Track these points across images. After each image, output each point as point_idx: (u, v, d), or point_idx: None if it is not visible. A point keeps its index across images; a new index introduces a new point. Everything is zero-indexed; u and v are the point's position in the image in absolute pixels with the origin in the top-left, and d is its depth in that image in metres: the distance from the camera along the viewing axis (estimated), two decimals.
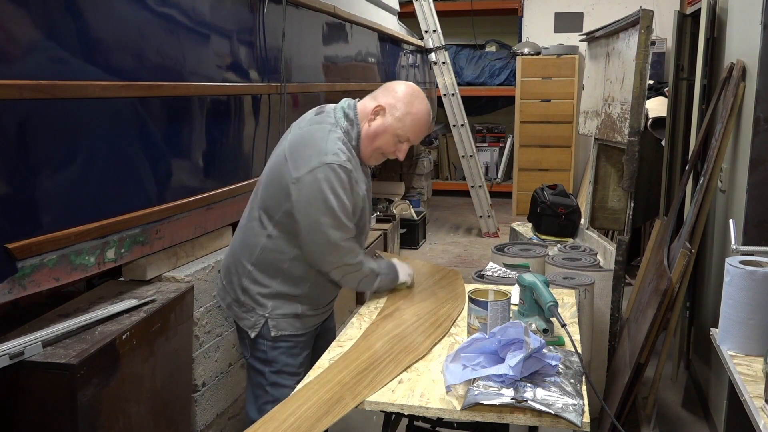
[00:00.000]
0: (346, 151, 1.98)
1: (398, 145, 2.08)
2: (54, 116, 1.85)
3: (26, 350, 1.80)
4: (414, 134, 2.07)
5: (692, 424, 2.98)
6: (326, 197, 1.92)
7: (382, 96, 2.07)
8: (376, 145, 2.06)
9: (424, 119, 2.07)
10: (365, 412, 1.57)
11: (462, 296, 2.22)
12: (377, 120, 2.04)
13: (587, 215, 4.10)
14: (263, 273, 2.06)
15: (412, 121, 2.04)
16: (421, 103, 2.07)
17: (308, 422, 1.45)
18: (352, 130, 2.04)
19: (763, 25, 2.36)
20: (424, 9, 6.37)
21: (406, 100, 2.04)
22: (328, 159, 1.93)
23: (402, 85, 2.10)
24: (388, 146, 2.07)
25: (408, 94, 2.06)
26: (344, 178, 1.95)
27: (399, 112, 2.03)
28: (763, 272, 1.81)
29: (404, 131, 2.05)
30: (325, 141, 1.97)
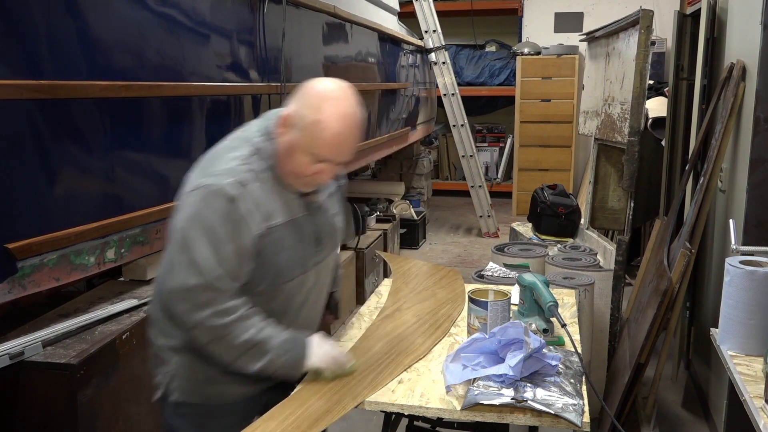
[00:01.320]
0: (243, 172, 1.51)
1: (315, 167, 1.53)
2: (54, 116, 1.85)
3: (26, 350, 1.80)
4: (331, 151, 1.52)
5: (692, 424, 2.98)
6: (187, 228, 1.49)
7: (292, 100, 1.55)
8: (289, 168, 1.55)
9: (342, 129, 1.50)
10: (365, 412, 1.57)
11: (462, 296, 2.21)
12: (285, 134, 1.53)
13: (587, 215, 4.10)
14: (167, 320, 1.60)
15: (323, 133, 1.49)
16: (338, 106, 1.51)
17: (307, 422, 1.44)
18: (268, 148, 1.56)
19: (763, 25, 2.36)
20: (424, 9, 6.37)
21: (315, 104, 1.50)
22: (207, 180, 1.49)
23: (317, 83, 1.56)
24: (301, 168, 1.53)
25: (318, 96, 1.52)
26: (221, 207, 1.47)
27: (304, 121, 1.50)
28: (763, 272, 1.81)
29: (316, 148, 1.50)
30: (218, 158, 1.55)
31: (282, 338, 1.56)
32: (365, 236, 4.76)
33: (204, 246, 1.48)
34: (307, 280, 1.66)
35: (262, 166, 1.55)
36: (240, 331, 1.51)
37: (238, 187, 1.49)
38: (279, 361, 1.55)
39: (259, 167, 1.55)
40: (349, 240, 4.52)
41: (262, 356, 1.54)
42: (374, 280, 4.73)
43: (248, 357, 1.53)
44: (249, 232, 1.51)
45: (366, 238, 4.72)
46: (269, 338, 1.54)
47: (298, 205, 1.61)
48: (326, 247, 1.70)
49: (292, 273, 1.61)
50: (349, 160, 1.59)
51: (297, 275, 1.62)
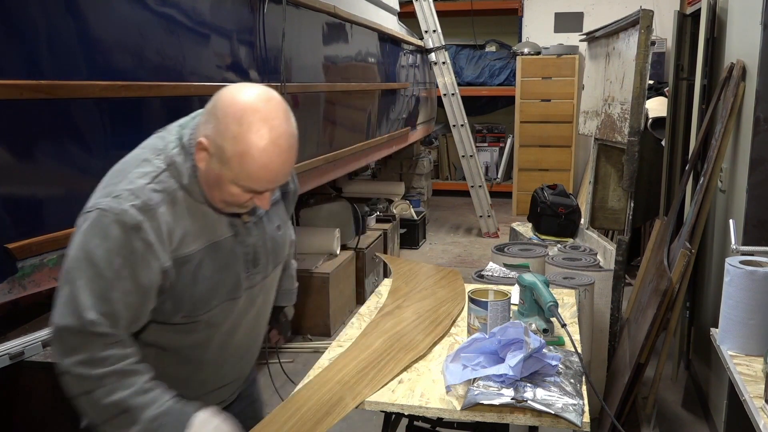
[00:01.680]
0: (151, 193, 1.27)
1: (247, 196, 1.31)
2: (54, 116, 1.85)
3: (26, 350, 1.80)
4: (264, 183, 1.29)
5: (692, 424, 2.98)
6: (71, 258, 1.25)
7: (206, 120, 1.29)
8: (217, 197, 1.32)
9: (272, 158, 1.25)
10: (365, 412, 1.57)
11: (462, 295, 2.21)
12: (204, 161, 1.29)
13: (587, 215, 4.10)
14: None
15: (249, 167, 1.25)
16: (262, 131, 1.24)
17: (308, 424, 1.44)
18: (183, 164, 1.31)
19: (763, 25, 2.36)
20: (424, 9, 6.37)
21: (234, 131, 1.24)
22: (104, 202, 1.25)
23: (233, 98, 1.28)
24: (234, 198, 1.31)
25: (237, 120, 1.24)
26: (115, 237, 1.23)
27: (225, 153, 1.25)
28: (763, 272, 1.81)
29: (244, 181, 1.27)
30: (124, 173, 1.31)
31: (159, 410, 1.27)
32: (365, 236, 4.76)
33: (85, 282, 1.23)
34: (236, 306, 1.43)
35: (175, 184, 1.31)
36: (112, 389, 1.24)
37: (141, 213, 1.25)
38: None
39: (171, 186, 1.30)
40: (349, 240, 4.52)
41: (130, 427, 1.25)
42: (374, 280, 4.73)
43: (116, 424, 1.26)
44: (154, 266, 1.27)
45: (366, 238, 4.73)
46: (143, 407, 1.25)
47: (223, 226, 1.38)
48: (265, 268, 1.47)
49: (214, 302, 1.38)
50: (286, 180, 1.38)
51: (221, 303, 1.39)
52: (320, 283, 3.93)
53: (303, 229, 4.16)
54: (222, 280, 1.38)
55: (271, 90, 1.31)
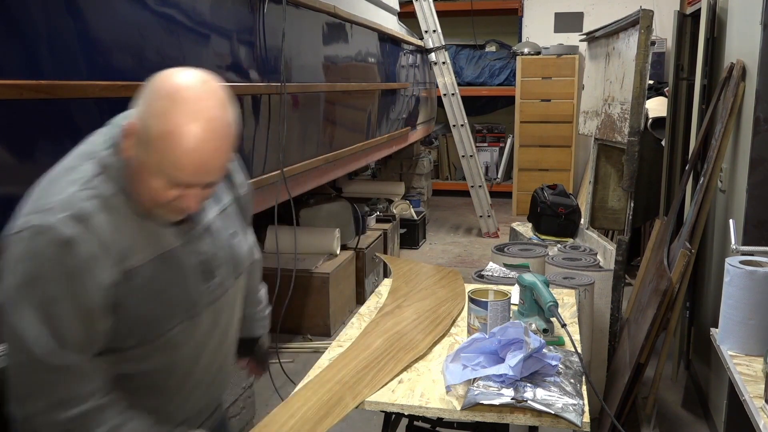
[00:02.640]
0: (83, 201, 1.12)
1: (172, 192, 1.13)
2: (54, 116, 1.85)
3: None
4: (190, 173, 1.11)
5: (692, 424, 2.98)
6: (7, 288, 1.10)
7: (138, 102, 1.15)
8: (142, 195, 1.15)
9: (201, 143, 1.09)
10: (365, 412, 1.57)
11: (462, 295, 2.21)
12: (131, 149, 1.13)
13: (587, 215, 4.10)
14: None
15: (175, 150, 1.09)
16: (193, 111, 1.09)
17: (308, 425, 1.44)
18: (117, 164, 1.16)
19: (763, 25, 2.36)
20: (424, 9, 6.37)
21: (162, 109, 1.09)
22: (33, 219, 1.11)
23: (168, 77, 1.13)
24: (156, 194, 1.14)
25: (167, 98, 1.10)
26: (50, 256, 1.09)
27: (149, 134, 1.09)
28: (763, 272, 1.81)
29: (169, 169, 1.10)
30: (53, 184, 1.16)
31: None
32: (365, 236, 4.76)
33: (26, 312, 1.08)
34: (198, 326, 1.27)
35: (111, 189, 1.15)
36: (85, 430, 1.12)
37: (75, 225, 1.09)
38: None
39: (107, 191, 1.14)
40: (349, 240, 4.52)
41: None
42: (374, 280, 4.73)
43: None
44: (96, 283, 1.11)
45: (366, 238, 4.73)
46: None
47: (170, 234, 1.21)
48: (224, 279, 1.32)
49: (171, 321, 1.22)
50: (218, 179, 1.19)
51: (179, 322, 1.23)
52: (320, 283, 3.93)
53: (303, 229, 4.16)
54: (177, 296, 1.23)
55: (212, 75, 1.17)
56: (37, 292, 1.09)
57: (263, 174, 2.96)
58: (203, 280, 1.27)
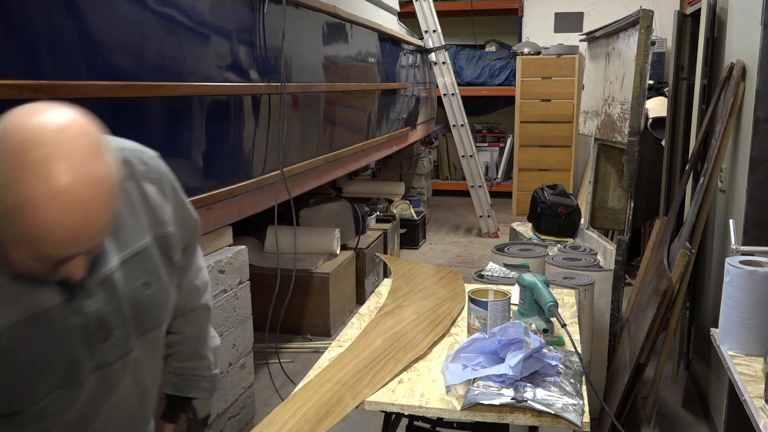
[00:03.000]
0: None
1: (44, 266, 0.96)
2: None
3: None
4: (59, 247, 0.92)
5: (692, 424, 2.98)
6: None
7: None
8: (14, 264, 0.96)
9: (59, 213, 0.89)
10: (365, 412, 1.57)
11: (462, 295, 2.21)
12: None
13: (587, 215, 4.10)
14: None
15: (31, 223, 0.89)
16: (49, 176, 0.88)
17: (309, 425, 1.44)
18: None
19: (763, 25, 2.36)
20: (424, 9, 6.37)
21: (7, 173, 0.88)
22: None
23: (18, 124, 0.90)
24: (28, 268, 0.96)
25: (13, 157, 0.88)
26: None
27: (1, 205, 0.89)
28: (763, 272, 1.81)
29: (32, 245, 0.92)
30: None
31: None
32: (365, 236, 4.76)
33: None
34: (78, 393, 1.08)
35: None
36: None
37: None
38: None
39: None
40: (349, 240, 4.53)
41: None
42: (374, 280, 4.73)
43: None
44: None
45: (366, 238, 4.73)
46: None
47: (50, 290, 1.01)
48: (123, 341, 1.12)
49: (41, 391, 1.03)
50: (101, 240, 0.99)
51: (53, 391, 1.04)
52: (320, 283, 3.93)
53: (303, 229, 4.16)
54: (51, 362, 1.03)
55: (77, 113, 0.95)
56: None
57: (263, 174, 2.97)
58: (89, 343, 1.07)
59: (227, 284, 2.66)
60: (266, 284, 3.21)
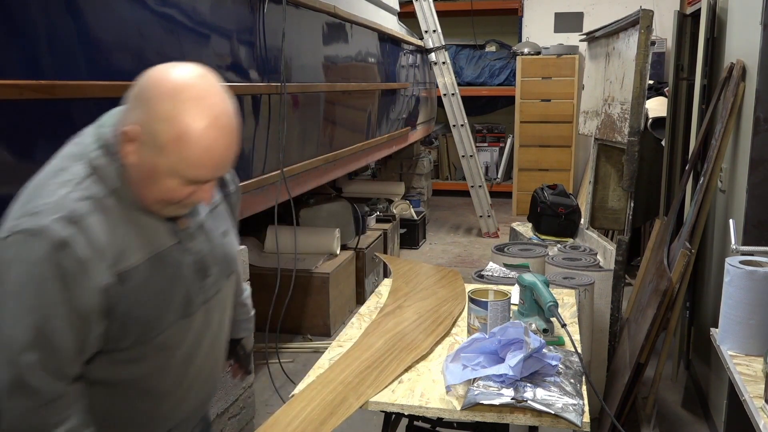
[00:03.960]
0: (75, 203, 1.09)
1: (188, 189, 1.14)
2: (54, 116, 1.85)
3: None
4: (207, 170, 1.12)
5: (692, 424, 2.98)
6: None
7: (134, 106, 1.13)
8: (152, 196, 1.14)
9: (212, 140, 1.09)
10: (365, 412, 1.57)
11: (462, 295, 2.22)
12: (133, 154, 1.12)
13: (587, 215, 4.10)
14: None
15: (190, 151, 1.09)
16: (199, 109, 1.09)
17: (312, 425, 1.44)
18: (109, 166, 1.14)
19: (763, 25, 2.36)
20: (424, 9, 6.37)
21: (169, 113, 1.08)
22: (24, 222, 1.07)
23: (166, 77, 1.11)
24: (172, 194, 1.14)
25: (171, 99, 1.08)
26: (42, 258, 1.05)
27: (159, 139, 1.08)
28: (763, 272, 1.81)
29: (185, 170, 1.11)
30: (41, 188, 1.12)
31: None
32: (365, 236, 4.76)
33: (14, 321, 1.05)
34: (192, 325, 1.26)
35: (103, 190, 1.13)
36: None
37: (68, 226, 1.06)
38: None
39: (99, 192, 1.12)
40: (349, 240, 4.52)
41: None
42: (374, 280, 4.73)
43: None
44: (91, 286, 1.08)
45: (366, 238, 4.73)
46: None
47: (165, 233, 1.20)
48: (217, 279, 1.31)
49: (166, 321, 1.21)
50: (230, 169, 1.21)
51: (174, 322, 1.22)
52: (320, 283, 3.93)
53: (303, 229, 4.16)
54: (172, 296, 1.21)
55: (202, 67, 1.14)
56: (28, 299, 1.05)
57: (263, 174, 2.96)
58: (198, 279, 1.26)
59: None
60: (266, 284, 3.20)
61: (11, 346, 1.05)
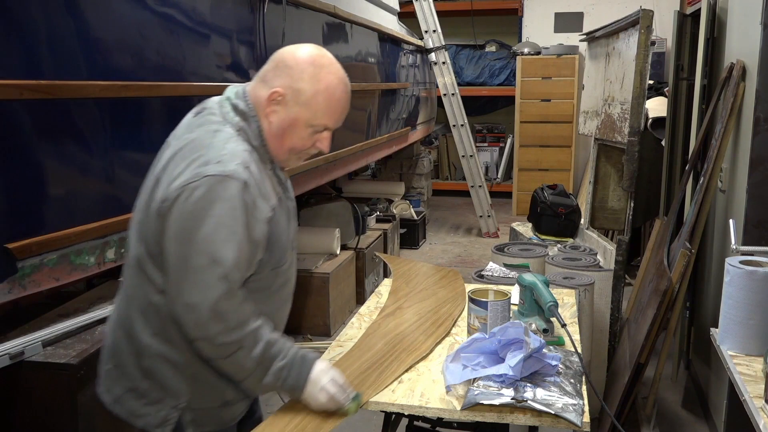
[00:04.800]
0: (243, 153, 1.41)
1: (315, 137, 1.50)
2: (54, 116, 1.85)
3: (26, 350, 1.80)
4: (333, 117, 1.50)
5: (692, 424, 2.98)
6: (201, 226, 1.34)
7: (274, 76, 1.47)
8: (287, 145, 1.49)
9: (342, 93, 1.48)
10: (365, 412, 1.57)
11: (462, 295, 2.21)
12: (278, 112, 1.46)
13: (587, 215, 4.10)
14: (170, 344, 1.45)
15: (326, 102, 1.46)
16: (331, 72, 1.47)
17: (312, 424, 1.44)
18: (248, 126, 1.47)
19: (763, 25, 2.36)
20: (424, 9, 6.37)
21: (310, 74, 1.45)
22: (211, 169, 1.35)
23: (299, 51, 1.48)
24: (302, 143, 1.49)
25: (311, 65, 1.45)
26: (235, 196, 1.35)
27: (305, 95, 1.44)
28: (763, 272, 1.81)
29: (319, 119, 1.47)
30: (210, 146, 1.40)
31: (285, 361, 1.44)
32: (365, 236, 4.76)
33: (222, 245, 1.34)
34: (293, 262, 1.60)
35: (248, 146, 1.45)
36: (249, 348, 1.38)
37: (245, 170, 1.38)
38: (286, 382, 1.44)
39: (247, 147, 1.45)
40: (349, 240, 4.52)
41: (263, 377, 1.42)
42: (374, 280, 4.73)
43: (252, 377, 1.42)
44: (261, 218, 1.41)
45: (366, 238, 4.73)
46: (273, 358, 1.42)
47: (277, 184, 1.53)
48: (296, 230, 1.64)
49: (286, 256, 1.53)
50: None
51: (288, 257, 1.55)
52: (320, 283, 3.93)
53: (303, 229, 4.16)
54: (288, 234, 1.55)
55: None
56: (229, 226, 1.35)
57: None
58: (291, 224, 1.59)
59: None
60: None
61: (225, 265, 1.35)
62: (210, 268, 1.34)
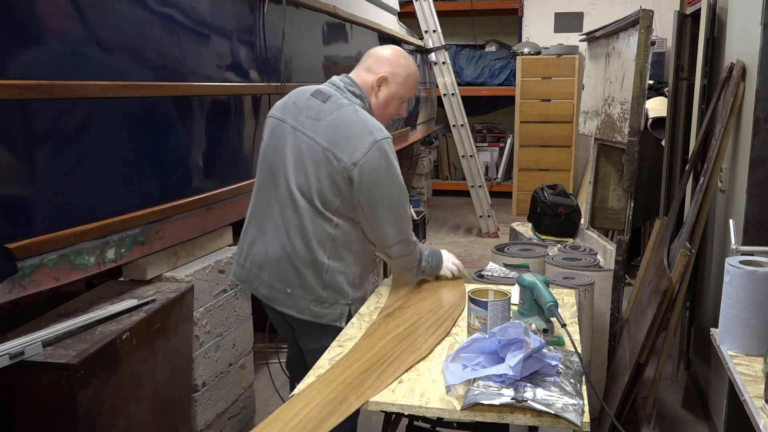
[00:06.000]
0: (378, 121, 2.06)
1: (402, 106, 2.21)
2: (54, 116, 1.85)
3: (26, 350, 1.80)
4: (413, 92, 2.22)
5: (692, 424, 2.99)
6: (390, 173, 2.01)
7: (377, 66, 2.13)
8: (387, 113, 2.16)
9: (417, 76, 2.22)
10: (365, 412, 1.57)
11: (462, 296, 2.22)
12: (382, 90, 2.12)
13: (587, 215, 4.10)
14: (341, 261, 2.05)
15: (412, 81, 2.17)
16: (411, 62, 2.18)
17: (313, 423, 1.44)
18: (363, 104, 2.09)
19: (763, 25, 2.36)
20: (424, 9, 6.37)
21: (401, 63, 2.14)
22: (377, 135, 1.98)
23: (387, 49, 2.16)
24: (396, 110, 2.19)
25: (399, 56, 2.15)
26: (394, 150, 2.03)
27: (400, 77, 2.13)
28: (763, 272, 1.81)
29: (406, 93, 2.18)
30: (362, 120, 2.02)
31: (427, 251, 2.29)
32: None
33: (402, 188, 2.04)
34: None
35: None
36: (416, 250, 2.19)
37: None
38: (429, 267, 2.28)
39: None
40: None
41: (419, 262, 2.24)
42: (374, 280, 4.72)
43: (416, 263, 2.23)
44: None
45: None
46: (422, 251, 2.25)
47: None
48: None
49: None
50: None
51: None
52: None
53: None
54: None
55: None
56: (398, 170, 2.04)
57: None
58: None
59: (227, 284, 2.66)
60: None
61: (406, 207, 2.10)
62: (403, 201, 2.07)
